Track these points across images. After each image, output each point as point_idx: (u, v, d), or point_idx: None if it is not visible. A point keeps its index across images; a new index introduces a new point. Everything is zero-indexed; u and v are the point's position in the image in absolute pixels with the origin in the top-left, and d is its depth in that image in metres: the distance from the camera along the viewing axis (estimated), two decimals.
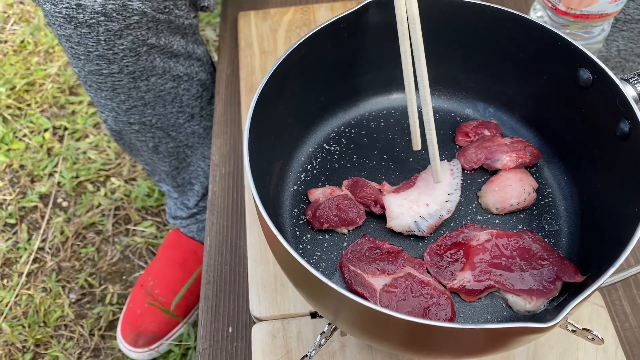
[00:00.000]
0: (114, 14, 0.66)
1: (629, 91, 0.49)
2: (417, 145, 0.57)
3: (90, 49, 0.70)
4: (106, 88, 0.76)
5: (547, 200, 0.57)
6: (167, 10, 0.72)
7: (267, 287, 0.61)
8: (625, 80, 0.50)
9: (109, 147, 1.33)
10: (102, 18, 0.66)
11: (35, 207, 1.25)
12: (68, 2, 0.65)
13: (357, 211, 0.55)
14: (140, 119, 0.83)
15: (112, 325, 1.09)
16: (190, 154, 0.94)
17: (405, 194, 0.55)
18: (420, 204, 0.55)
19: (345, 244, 0.55)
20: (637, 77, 0.50)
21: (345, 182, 0.58)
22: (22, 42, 1.56)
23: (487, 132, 0.59)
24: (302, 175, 0.59)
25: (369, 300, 0.47)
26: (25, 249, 1.19)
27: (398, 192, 0.56)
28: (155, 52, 0.75)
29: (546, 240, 0.53)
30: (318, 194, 0.57)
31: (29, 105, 1.43)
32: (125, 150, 0.95)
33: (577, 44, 0.50)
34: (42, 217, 1.24)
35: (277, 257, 0.48)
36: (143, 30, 0.70)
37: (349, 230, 0.55)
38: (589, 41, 0.73)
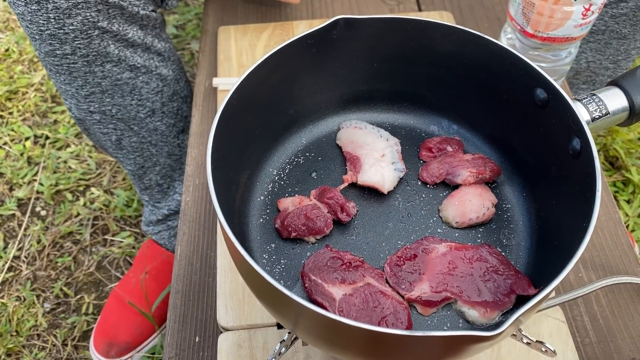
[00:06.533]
0: None
1: (581, 111, 0.51)
2: None
3: (42, 28, 0.73)
4: (63, 71, 0.79)
5: (506, 215, 0.58)
6: None
7: (235, 297, 0.62)
8: (577, 100, 0.52)
9: (90, 157, 1.33)
10: None
11: (13, 215, 1.25)
12: None
13: (324, 220, 0.56)
14: (100, 108, 0.85)
15: (86, 335, 1.08)
16: (155, 152, 0.95)
17: (366, 166, 0.60)
18: (380, 159, 0.60)
19: (309, 253, 0.56)
20: (589, 98, 0.52)
21: (313, 192, 0.59)
22: (6, 50, 1.56)
23: (449, 148, 0.61)
24: (270, 186, 0.60)
25: (328, 310, 0.48)
26: (1, 257, 1.18)
27: (359, 172, 0.60)
28: (109, 38, 0.77)
29: (503, 254, 0.54)
30: (287, 203, 0.58)
31: (10, 113, 1.43)
32: (95, 144, 0.96)
33: (534, 64, 0.52)
34: (20, 226, 1.23)
35: (237, 266, 0.48)
36: (92, 11, 0.73)
37: (316, 239, 0.57)
38: (557, 63, 0.75)
